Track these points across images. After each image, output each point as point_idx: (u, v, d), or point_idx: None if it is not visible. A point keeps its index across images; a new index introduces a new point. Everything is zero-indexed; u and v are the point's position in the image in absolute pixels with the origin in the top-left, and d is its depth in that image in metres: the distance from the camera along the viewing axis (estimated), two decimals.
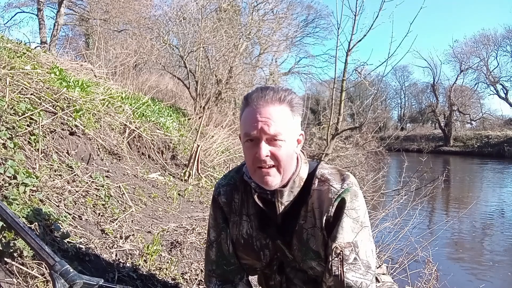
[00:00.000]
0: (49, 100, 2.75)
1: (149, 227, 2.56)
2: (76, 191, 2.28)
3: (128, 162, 3.46)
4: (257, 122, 1.12)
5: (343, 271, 1.13)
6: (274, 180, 1.15)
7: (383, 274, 1.46)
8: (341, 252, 1.14)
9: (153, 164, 4.11)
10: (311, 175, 1.23)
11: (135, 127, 3.95)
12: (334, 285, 1.14)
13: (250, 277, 1.46)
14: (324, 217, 1.17)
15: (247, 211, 1.30)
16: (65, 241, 1.77)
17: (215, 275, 1.36)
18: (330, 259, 1.15)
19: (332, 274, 1.14)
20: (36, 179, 1.97)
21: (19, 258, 1.50)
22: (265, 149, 1.12)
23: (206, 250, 1.40)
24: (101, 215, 2.30)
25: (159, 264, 2.19)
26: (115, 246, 2.09)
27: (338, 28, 7.23)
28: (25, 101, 2.52)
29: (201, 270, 2.28)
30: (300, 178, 1.22)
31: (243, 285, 1.37)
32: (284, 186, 1.19)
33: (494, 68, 32.64)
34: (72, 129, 2.79)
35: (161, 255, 2.28)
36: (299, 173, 1.22)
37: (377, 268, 1.45)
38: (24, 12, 18.22)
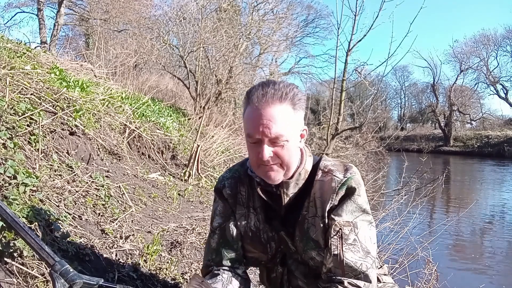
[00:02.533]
0: (49, 100, 2.75)
1: (149, 227, 2.56)
2: (76, 191, 2.27)
3: (128, 162, 3.46)
4: (258, 125, 1.11)
5: (342, 250, 1.14)
6: (277, 175, 1.18)
7: (384, 274, 1.46)
8: (340, 230, 1.16)
9: (153, 164, 4.11)
10: (315, 167, 1.26)
11: (135, 127, 3.95)
12: (334, 265, 1.15)
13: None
14: (328, 206, 1.19)
15: (253, 204, 1.31)
16: (65, 241, 1.77)
17: (214, 263, 1.33)
18: (330, 238, 1.17)
19: (332, 253, 1.15)
20: (36, 179, 1.97)
21: (19, 258, 1.50)
22: (267, 151, 1.12)
23: (207, 241, 1.39)
24: (101, 215, 2.30)
25: (159, 264, 2.20)
26: (115, 246, 2.09)
27: (338, 28, 7.26)
28: (25, 101, 2.52)
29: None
30: (305, 170, 1.25)
31: (241, 272, 1.35)
32: (290, 178, 1.21)
33: (494, 68, 32.71)
34: (72, 129, 2.79)
35: (161, 255, 2.28)
36: (305, 166, 1.24)
37: (379, 268, 1.45)
38: (24, 12, 18.28)
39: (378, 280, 1.39)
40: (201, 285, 0.95)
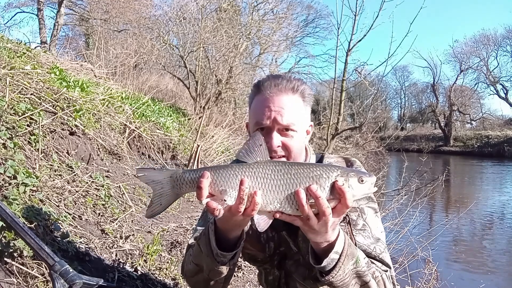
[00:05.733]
0: (49, 100, 2.75)
1: (149, 227, 2.56)
2: (76, 191, 2.27)
3: (128, 162, 3.46)
4: (270, 112, 1.11)
5: (352, 234, 1.12)
6: None
7: None
8: (347, 216, 1.14)
9: (153, 164, 4.11)
10: None
11: (135, 127, 3.95)
12: None
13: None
14: None
15: None
16: (65, 241, 1.77)
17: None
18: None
19: None
20: (36, 179, 1.97)
21: (19, 258, 1.49)
22: (277, 139, 1.12)
23: (191, 237, 1.33)
24: (101, 215, 2.30)
25: (159, 264, 2.20)
26: (115, 246, 2.09)
27: (338, 28, 7.25)
28: (25, 101, 2.52)
29: None
30: None
31: None
32: None
33: (494, 68, 32.76)
34: (72, 129, 2.79)
35: (161, 255, 2.28)
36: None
37: None
38: (24, 12, 18.31)
39: None
40: (259, 149, 0.90)
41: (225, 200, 0.87)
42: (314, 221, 0.87)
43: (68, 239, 1.79)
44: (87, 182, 2.45)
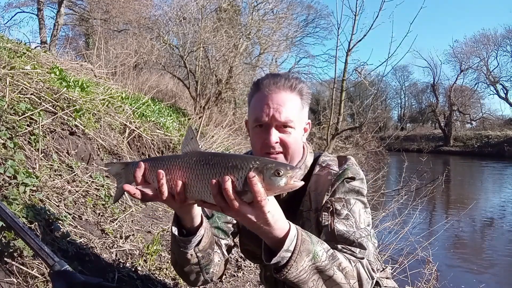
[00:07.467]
0: (49, 100, 2.75)
1: (149, 227, 2.56)
2: (76, 191, 2.27)
3: None
4: (269, 109, 1.14)
5: (333, 221, 1.11)
6: None
7: (386, 278, 1.40)
8: (331, 206, 1.14)
9: None
10: (314, 163, 1.28)
11: (135, 127, 3.95)
12: (326, 238, 1.09)
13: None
14: (325, 199, 1.18)
15: None
16: (65, 241, 1.77)
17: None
18: (321, 214, 1.14)
19: (322, 226, 1.12)
20: (36, 179, 1.97)
21: (19, 258, 1.50)
22: (275, 136, 1.14)
23: None
24: (101, 215, 2.30)
25: (159, 264, 2.20)
26: (115, 246, 2.09)
27: (338, 28, 7.28)
28: (25, 101, 2.52)
29: None
30: (306, 166, 1.25)
31: (223, 244, 1.29)
32: None
33: (494, 68, 32.74)
34: (72, 129, 2.79)
35: (161, 255, 2.28)
36: (305, 161, 1.25)
37: (381, 271, 1.40)
38: (24, 12, 18.29)
39: (379, 284, 1.34)
40: (190, 142, 0.94)
41: (156, 189, 0.93)
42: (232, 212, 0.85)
43: (68, 239, 1.79)
44: (87, 182, 2.45)
